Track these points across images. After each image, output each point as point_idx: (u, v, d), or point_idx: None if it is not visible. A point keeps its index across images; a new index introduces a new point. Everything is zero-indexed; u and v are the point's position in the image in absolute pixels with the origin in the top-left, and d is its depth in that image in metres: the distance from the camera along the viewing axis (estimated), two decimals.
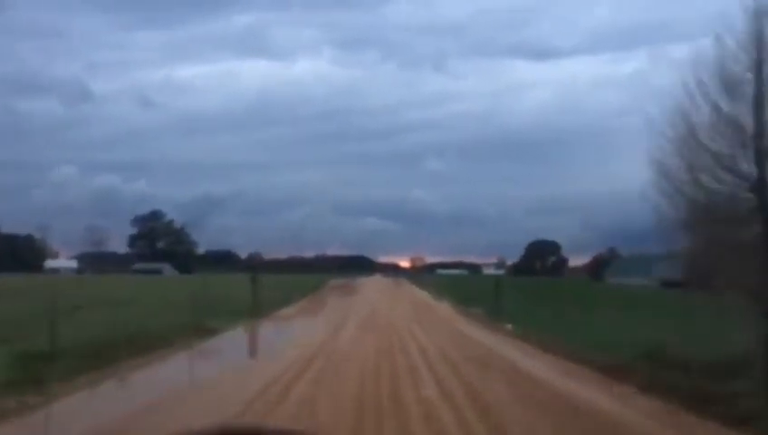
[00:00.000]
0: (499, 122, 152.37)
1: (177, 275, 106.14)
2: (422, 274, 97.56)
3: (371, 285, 55.19)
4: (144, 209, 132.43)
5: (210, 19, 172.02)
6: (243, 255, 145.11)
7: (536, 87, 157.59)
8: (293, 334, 19.06)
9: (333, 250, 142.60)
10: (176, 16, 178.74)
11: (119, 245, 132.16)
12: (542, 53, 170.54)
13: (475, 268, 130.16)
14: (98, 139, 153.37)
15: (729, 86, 9.09)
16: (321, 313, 26.61)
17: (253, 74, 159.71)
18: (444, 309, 30.21)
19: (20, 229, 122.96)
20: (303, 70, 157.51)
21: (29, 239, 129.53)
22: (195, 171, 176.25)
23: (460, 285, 52.89)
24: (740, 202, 9.31)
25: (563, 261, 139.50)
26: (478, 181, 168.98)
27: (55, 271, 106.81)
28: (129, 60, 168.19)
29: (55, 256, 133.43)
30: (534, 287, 50.05)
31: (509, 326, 23.01)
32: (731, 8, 9.07)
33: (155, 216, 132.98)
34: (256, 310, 24.08)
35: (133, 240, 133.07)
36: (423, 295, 41.76)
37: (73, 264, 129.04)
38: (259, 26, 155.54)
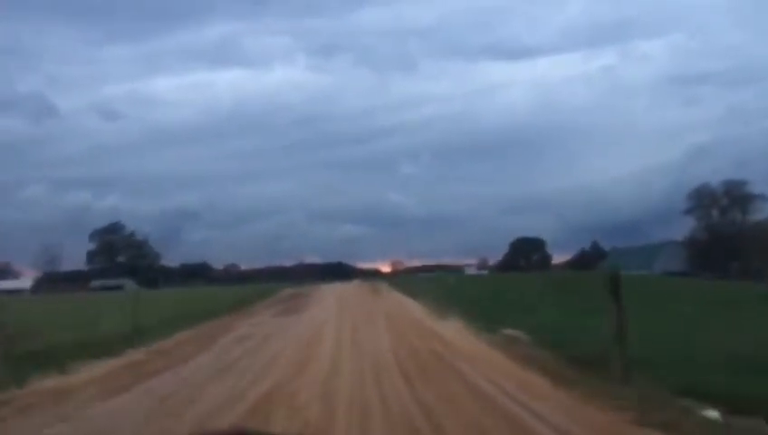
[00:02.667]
0: (473, 123, 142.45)
1: (140, 291, 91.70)
2: (405, 277, 77.70)
3: (338, 294, 37.29)
4: (127, 229, 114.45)
5: (181, 31, 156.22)
6: (219, 266, 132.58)
7: (509, 87, 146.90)
8: None
9: (312, 258, 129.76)
10: (146, 29, 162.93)
11: (82, 262, 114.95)
12: (514, 53, 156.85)
13: (455, 270, 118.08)
14: (68, 155, 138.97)
15: None
16: (160, 377, 9.47)
17: (226, 85, 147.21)
18: (473, 350, 12.22)
19: None
20: (277, 78, 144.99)
21: None
22: (168, 185, 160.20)
23: (457, 289, 36.18)
24: None
25: (548, 258, 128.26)
26: (455, 183, 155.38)
27: (13, 292, 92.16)
28: (99, 75, 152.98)
29: (17, 276, 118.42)
30: (560, 286, 33.09)
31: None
32: None
33: (114, 228, 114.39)
34: None
35: (91, 256, 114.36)
36: (414, 309, 23.79)
37: (27, 284, 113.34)
38: (231, 36, 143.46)
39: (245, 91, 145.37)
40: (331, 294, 38.78)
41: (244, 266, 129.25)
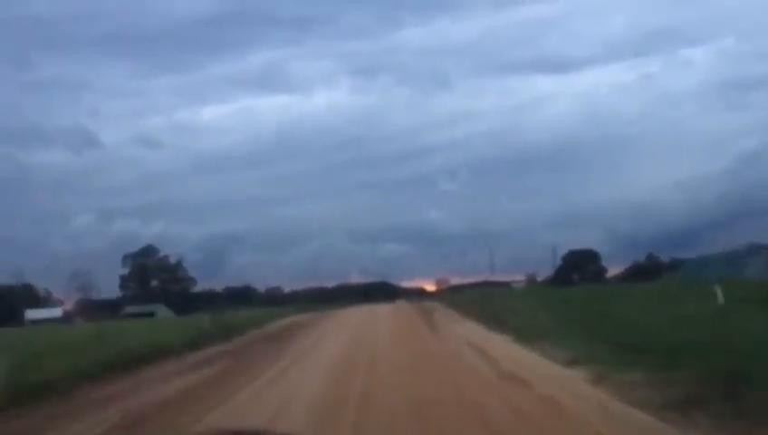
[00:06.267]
0: (518, 138, 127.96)
1: (173, 317, 79.36)
2: (463, 295, 54.56)
3: (359, 331, 21.12)
4: (161, 252, 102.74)
5: (226, 60, 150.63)
6: (262, 289, 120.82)
7: (554, 100, 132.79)
8: None
9: (355, 278, 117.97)
10: (190, 60, 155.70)
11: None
12: (558, 66, 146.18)
13: (502, 287, 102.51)
14: (113, 186, 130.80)
15: None
16: None
17: (269, 111, 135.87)
18: None
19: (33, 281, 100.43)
20: (320, 102, 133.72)
21: (28, 289, 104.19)
22: (213, 210, 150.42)
23: (555, 310, 20.39)
24: None
25: (603, 270, 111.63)
26: (499, 199, 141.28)
27: (43, 322, 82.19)
28: (144, 106, 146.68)
29: (58, 304, 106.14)
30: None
31: None
32: None
33: (147, 252, 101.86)
34: None
35: (124, 281, 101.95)
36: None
37: (58, 313, 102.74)
38: (274, 63, 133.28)
39: (289, 116, 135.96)
40: (346, 329, 23.15)
41: (287, 289, 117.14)
